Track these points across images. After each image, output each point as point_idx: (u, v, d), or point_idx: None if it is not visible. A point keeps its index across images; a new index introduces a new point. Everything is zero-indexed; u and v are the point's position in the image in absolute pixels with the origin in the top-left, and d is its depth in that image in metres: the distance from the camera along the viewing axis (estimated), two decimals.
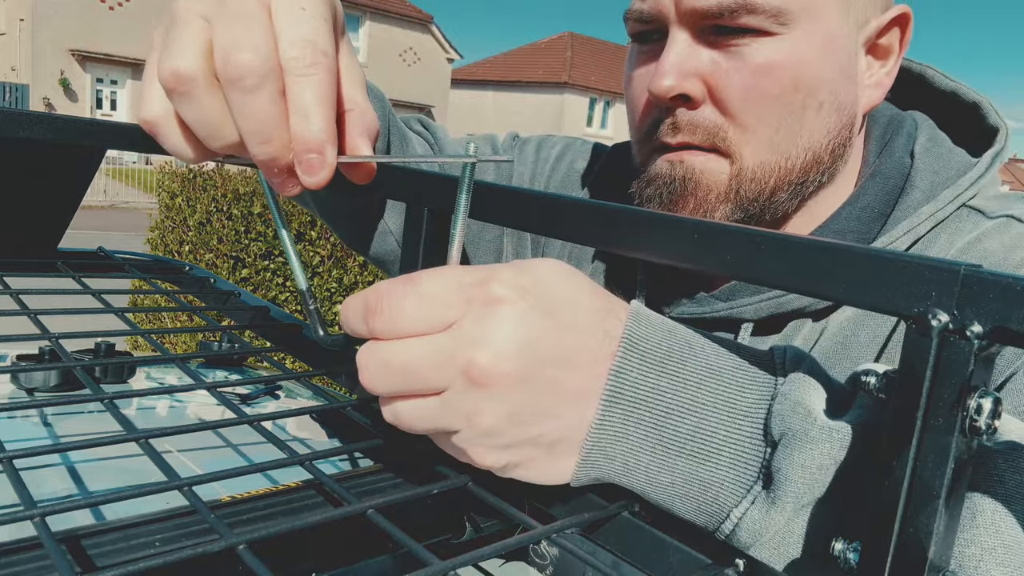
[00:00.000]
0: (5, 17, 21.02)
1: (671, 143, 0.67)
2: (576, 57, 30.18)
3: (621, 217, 0.40)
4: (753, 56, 0.63)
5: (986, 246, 0.64)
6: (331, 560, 0.40)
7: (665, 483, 0.39)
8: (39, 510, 0.33)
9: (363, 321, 0.38)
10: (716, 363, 0.39)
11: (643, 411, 0.38)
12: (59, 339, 0.54)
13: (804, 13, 0.62)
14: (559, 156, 0.94)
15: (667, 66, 0.64)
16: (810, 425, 0.36)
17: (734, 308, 0.70)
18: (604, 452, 0.39)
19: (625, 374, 0.38)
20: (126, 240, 4.20)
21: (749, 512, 0.38)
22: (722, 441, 0.38)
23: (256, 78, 0.42)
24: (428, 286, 0.37)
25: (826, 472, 0.36)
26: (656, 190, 0.68)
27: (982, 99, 0.75)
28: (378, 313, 0.37)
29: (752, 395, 0.38)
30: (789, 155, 0.66)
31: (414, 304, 0.37)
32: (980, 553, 0.34)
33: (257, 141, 0.44)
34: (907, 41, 0.70)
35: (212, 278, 0.81)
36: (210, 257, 4.00)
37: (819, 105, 0.65)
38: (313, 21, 0.44)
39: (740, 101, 0.64)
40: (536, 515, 0.41)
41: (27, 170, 0.72)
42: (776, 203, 0.68)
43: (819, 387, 0.38)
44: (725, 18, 0.62)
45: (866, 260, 0.32)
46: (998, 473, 0.35)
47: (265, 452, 0.47)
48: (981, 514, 0.35)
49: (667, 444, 0.38)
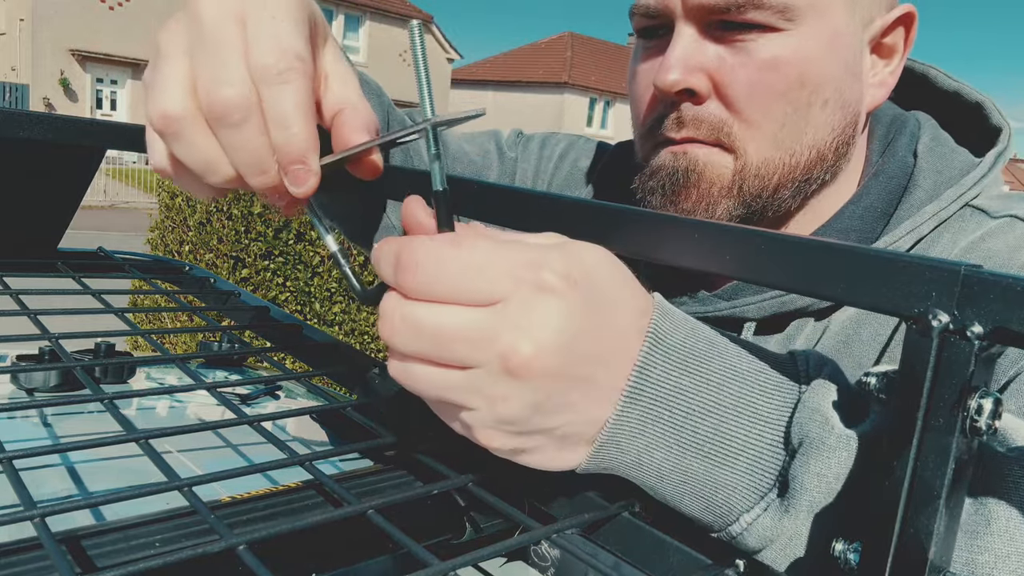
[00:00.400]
0: (5, 17, 21.02)
1: (675, 137, 0.67)
2: (576, 57, 30.17)
3: (621, 217, 0.40)
4: (759, 52, 0.63)
5: (990, 246, 0.64)
6: (331, 560, 0.40)
7: (676, 481, 0.39)
8: (39, 510, 0.33)
9: (392, 273, 0.36)
10: (739, 365, 0.39)
11: (663, 409, 0.38)
12: (59, 339, 0.54)
13: (811, 10, 0.62)
14: (562, 154, 0.94)
15: (673, 60, 0.64)
16: (828, 433, 0.36)
17: (737, 307, 0.70)
18: (619, 446, 0.38)
19: (649, 371, 0.37)
20: (126, 240, 4.19)
21: (761, 518, 0.38)
22: (741, 445, 0.38)
23: (240, 112, 0.41)
24: (477, 256, 0.35)
25: (842, 480, 0.36)
26: (659, 182, 0.68)
27: (985, 99, 0.75)
28: (411, 270, 0.35)
29: (775, 400, 0.38)
30: (793, 152, 0.66)
31: (459, 271, 0.35)
32: (994, 560, 0.34)
33: (253, 173, 0.44)
34: (911, 40, 0.69)
35: (212, 278, 0.81)
36: (210, 257, 4.00)
37: (824, 102, 0.65)
38: (284, 25, 0.42)
39: (745, 97, 0.64)
40: (536, 515, 0.41)
41: (27, 170, 0.72)
42: (779, 200, 0.68)
43: (838, 394, 0.37)
44: (732, 13, 0.62)
45: (866, 260, 0.32)
46: (1013, 479, 0.35)
47: (265, 452, 0.46)
48: (995, 521, 0.34)
49: (684, 444, 0.38)
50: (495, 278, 0.35)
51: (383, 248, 0.38)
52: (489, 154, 0.94)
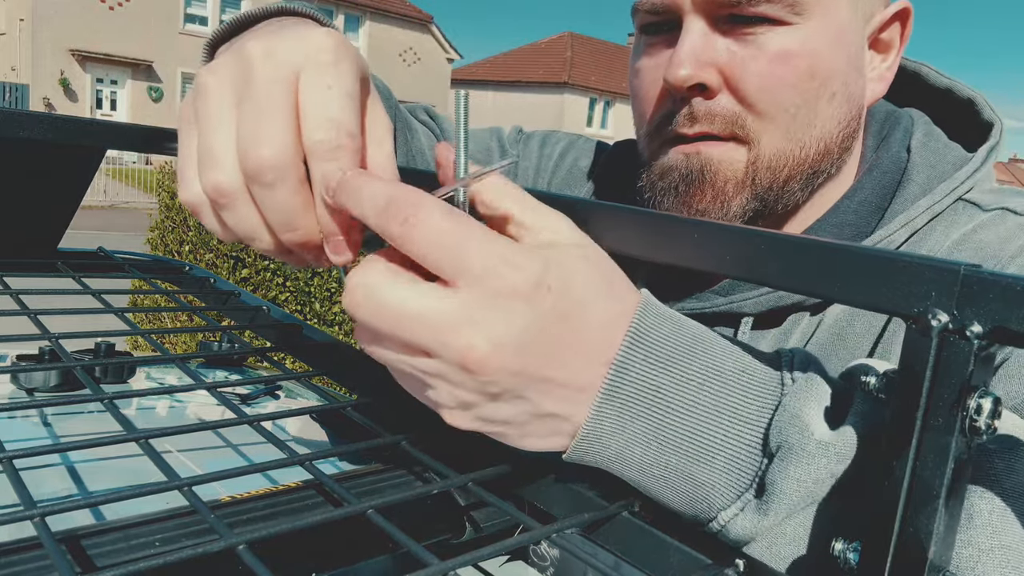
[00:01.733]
0: (5, 17, 21.02)
1: (688, 134, 0.66)
2: (576, 57, 30.17)
3: (619, 217, 0.41)
4: (769, 44, 0.63)
5: (981, 237, 0.65)
6: (331, 560, 0.40)
7: (657, 476, 0.39)
8: (39, 510, 0.33)
9: (378, 215, 0.37)
10: (722, 364, 0.39)
11: (641, 407, 0.38)
12: (59, 339, 0.54)
13: (818, 5, 0.63)
14: (562, 153, 0.94)
15: (683, 55, 0.64)
16: (807, 440, 0.36)
17: (734, 303, 0.70)
18: (600, 440, 0.39)
19: (627, 369, 0.38)
20: (126, 240, 4.19)
21: (739, 517, 0.38)
22: (719, 445, 0.38)
23: (274, 173, 0.41)
24: (462, 234, 0.35)
25: (822, 485, 0.36)
26: (671, 182, 0.67)
27: (976, 95, 0.75)
28: (398, 219, 0.36)
29: (756, 402, 0.38)
30: (803, 144, 0.66)
31: (441, 235, 0.35)
32: (977, 554, 0.34)
33: (283, 231, 0.44)
34: (907, 36, 0.70)
35: (212, 278, 0.81)
36: (210, 257, 4.00)
37: (831, 95, 0.65)
38: (340, 100, 0.42)
39: (757, 89, 0.64)
40: (536, 515, 0.41)
41: (27, 170, 0.73)
42: (789, 192, 0.68)
43: (819, 398, 0.38)
44: (743, 6, 0.62)
45: (866, 260, 0.32)
46: (995, 474, 0.35)
47: (265, 452, 0.47)
48: (978, 515, 0.35)
49: (663, 441, 0.38)
50: (471, 262, 0.35)
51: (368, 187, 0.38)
52: (491, 151, 0.94)
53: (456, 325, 0.35)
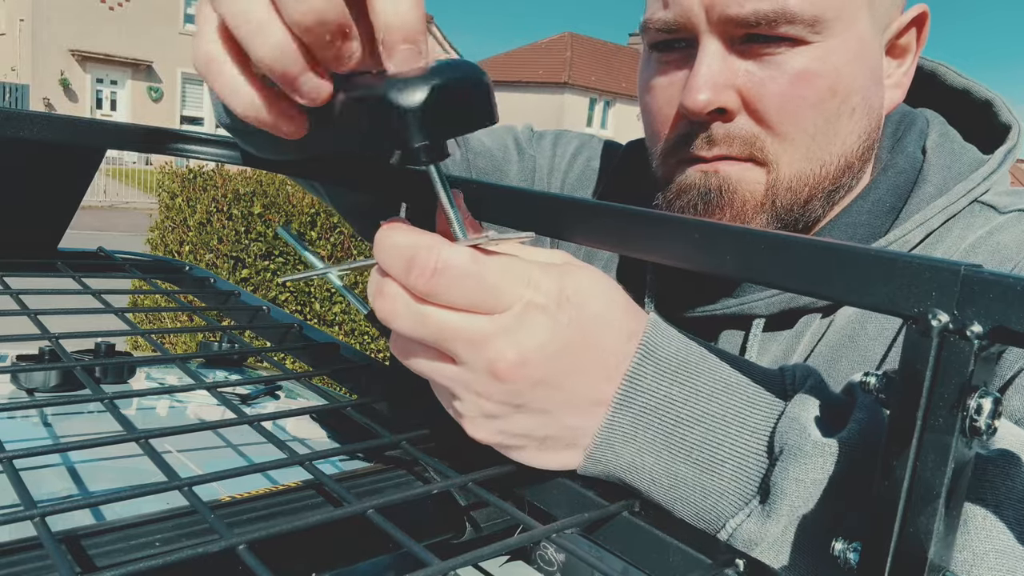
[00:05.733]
0: (5, 17, 21.02)
1: (706, 156, 0.65)
2: (576, 57, 30.15)
3: (623, 218, 0.41)
4: (789, 64, 0.62)
5: (999, 240, 0.64)
6: (331, 560, 0.40)
7: (667, 486, 0.40)
8: (39, 510, 0.33)
9: (403, 270, 0.37)
10: (729, 378, 0.40)
11: (652, 417, 0.39)
12: (59, 339, 0.54)
13: (838, 21, 0.61)
14: (575, 153, 0.94)
15: (702, 80, 0.62)
16: (804, 440, 0.37)
17: (745, 304, 0.69)
18: (613, 450, 0.40)
19: (639, 381, 0.39)
20: (126, 240, 4.19)
21: (745, 523, 0.39)
22: (727, 453, 0.39)
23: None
24: (490, 274, 0.37)
25: (821, 485, 0.37)
26: (689, 201, 0.66)
27: (994, 96, 0.74)
28: (426, 275, 0.36)
29: (762, 412, 0.39)
30: (824, 162, 0.65)
31: (473, 288, 0.37)
32: (972, 558, 0.34)
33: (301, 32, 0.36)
34: (924, 39, 0.69)
35: (212, 278, 0.81)
36: (210, 257, 4.00)
37: (852, 111, 0.64)
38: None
39: (777, 110, 0.63)
40: (536, 515, 0.41)
41: (27, 170, 0.72)
42: (810, 211, 0.67)
43: (818, 403, 0.39)
44: (762, 27, 0.61)
45: (866, 260, 0.32)
46: (989, 478, 0.36)
47: (265, 452, 0.46)
48: (973, 519, 0.35)
49: (673, 451, 0.39)
50: (501, 295, 0.37)
51: (391, 240, 0.37)
52: (508, 149, 0.93)
53: (490, 336, 0.37)
